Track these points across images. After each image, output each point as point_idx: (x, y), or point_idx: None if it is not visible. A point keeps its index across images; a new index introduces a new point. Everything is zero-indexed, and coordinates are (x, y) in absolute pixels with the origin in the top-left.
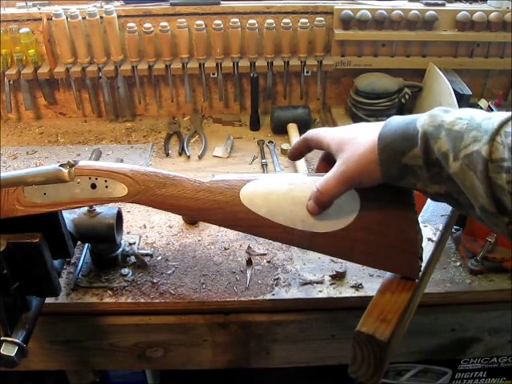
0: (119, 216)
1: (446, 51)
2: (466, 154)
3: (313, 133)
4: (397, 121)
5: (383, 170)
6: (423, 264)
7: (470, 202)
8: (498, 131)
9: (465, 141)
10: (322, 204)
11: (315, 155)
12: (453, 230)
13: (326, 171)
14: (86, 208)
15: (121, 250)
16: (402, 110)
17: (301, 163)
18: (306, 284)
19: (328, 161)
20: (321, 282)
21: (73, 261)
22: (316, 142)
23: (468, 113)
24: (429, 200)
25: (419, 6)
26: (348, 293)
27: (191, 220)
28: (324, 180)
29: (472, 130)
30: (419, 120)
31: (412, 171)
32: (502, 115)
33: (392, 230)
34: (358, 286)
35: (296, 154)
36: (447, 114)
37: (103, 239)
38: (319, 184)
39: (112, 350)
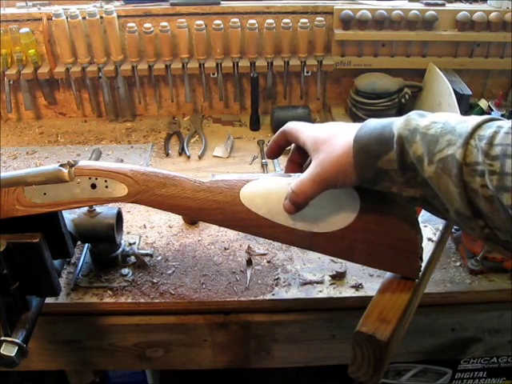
0: (119, 216)
1: (445, 51)
2: (440, 158)
3: (291, 126)
4: (373, 123)
5: (358, 173)
6: (423, 264)
7: (445, 206)
8: (471, 135)
9: (439, 144)
10: (297, 205)
11: None
12: (453, 230)
13: (299, 163)
14: (86, 208)
15: (121, 250)
16: (402, 110)
17: None
18: (305, 284)
19: (302, 152)
20: (321, 282)
21: (73, 261)
22: (293, 136)
23: (443, 117)
24: None
25: (419, 5)
26: (348, 293)
27: (191, 220)
28: (299, 181)
29: (447, 134)
30: (395, 124)
31: (387, 175)
32: (476, 119)
33: (392, 230)
34: (358, 286)
35: (275, 148)
36: (422, 118)
37: (103, 239)
38: (294, 185)
39: (112, 350)
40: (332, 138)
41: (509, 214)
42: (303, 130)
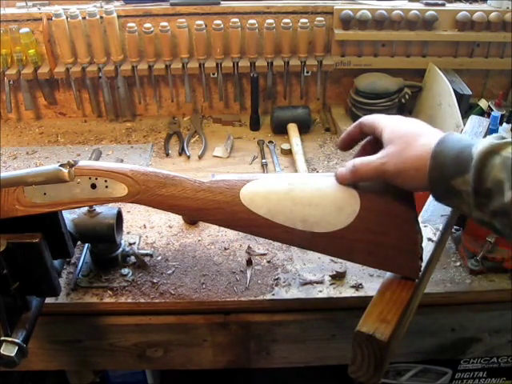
0: (119, 216)
1: (445, 51)
2: None
3: (369, 117)
4: (453, 141)
5: (431, 188)
6: (423, 264)
7: None
8: None
9: None
10: (348, 179)
11: (315, 155)
12: (453, 230)
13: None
14: (86, 208)
15: (121, 250)
16: (402, 110)
17: (301, 163)
18: (306, 284)
19: (376, 144)
20: (321, 282)
21: (73, 261)
22: (370, 126)
23: None
24: (429, 200)
25: (419, 5)
26: (348, 293)
27: (191, 220)
28: (365, 161)
29: None
30: (475, 146)
31: (459, 194)
32: None
33: (392, 230)
34: (357, 286)
35: (348, 141)
36: (502, 141)
37: (103, 239)
38: (358, 161)
39: (112, 350)
40: (411, 136)
41: None
42: (382, 120)
